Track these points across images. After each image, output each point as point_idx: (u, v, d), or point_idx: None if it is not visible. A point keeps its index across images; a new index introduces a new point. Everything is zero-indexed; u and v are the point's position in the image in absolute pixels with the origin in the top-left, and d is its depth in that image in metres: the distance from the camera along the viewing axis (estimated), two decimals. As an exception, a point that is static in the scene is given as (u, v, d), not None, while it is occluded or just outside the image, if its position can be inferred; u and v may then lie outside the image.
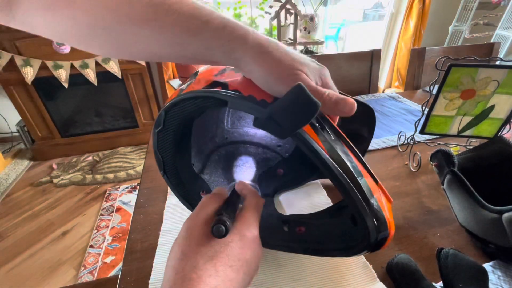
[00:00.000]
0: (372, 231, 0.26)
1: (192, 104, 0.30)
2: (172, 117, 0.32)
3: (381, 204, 0.26)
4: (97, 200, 1.59)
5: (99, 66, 1.71)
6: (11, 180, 1.77)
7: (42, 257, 1.26)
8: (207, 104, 0.29)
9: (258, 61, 0.24)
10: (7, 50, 1.56)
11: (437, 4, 2.32)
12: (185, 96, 0.29)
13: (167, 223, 0.47)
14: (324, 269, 0.39)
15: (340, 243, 0.33)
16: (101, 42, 0.24)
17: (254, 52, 0.24)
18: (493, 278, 0.37)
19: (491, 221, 0.36)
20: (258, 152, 0.50)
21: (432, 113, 0.55)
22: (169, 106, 0.31)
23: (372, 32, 3.21)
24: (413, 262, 0.36)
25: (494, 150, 0.46)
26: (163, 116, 0.32)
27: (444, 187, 0.45)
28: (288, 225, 0.39)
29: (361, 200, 0.25)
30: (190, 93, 0.29)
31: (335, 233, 0.35)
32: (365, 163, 0.28)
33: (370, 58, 1.09)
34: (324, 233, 0.36)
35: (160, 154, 0.37)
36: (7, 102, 1.80)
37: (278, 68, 0.24)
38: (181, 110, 0.31)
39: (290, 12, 1.76)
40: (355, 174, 0.25)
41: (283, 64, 0.24)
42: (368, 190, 0.25)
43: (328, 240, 0.35)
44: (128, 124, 2.06)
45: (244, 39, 0.23)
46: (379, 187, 0.27)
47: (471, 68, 0.48)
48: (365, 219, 0.25)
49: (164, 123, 0.33)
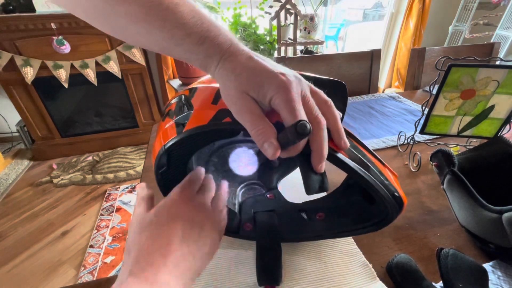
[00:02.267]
0: (391, 204, 0.29)
1: (201, 139, 0.29)
2: (176, 155, 0.31)
3: (391, 180, 0.30)
4: (97, 200, 1.59)
5: (99, 66, 1.71)
6: (11, 180, 1.77)
7: (42, 257, 1.25)
8: (217, 136, 0.28)
9: (224, 74, 0.24)
10: (7, 50, 1.56)
11: (437, 4, 2.32)
12: (194, 132, 0.27)
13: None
14: (323, 268, 0.39)
15: (361, 220, 0.35)
16: (100, 24, 0.25)
17: (223, 67, 0.24)
18: (493, 278, 0.37)
19: (491, 221, 0.36)
20: (248, 149, 0.50)
21: (432, 113, 0.55)
22: (173, 145, 0.29)
23: (372, 32, 3.21)
24: (413, 262, 0.36)
25: (494, 150, 0.46)
26: (166, 156, 0.30)
27: (444, 187, 0.45)
28: (306, 213, 0.41)
29: (377, 183, 0.28)
30: (198, 128, 0.27)
31: (353, 212, 0.37)
32: (365, 145, 0.30)
33: (370, 58, 1.09)
34: (342, 214, 0.38)
35: (166, 191, 0.35)
36: (7, 102, 1.80)
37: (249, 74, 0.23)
38: (187, 146, 0.30)
39: (290, 12, 1.76)
40: (365, 160, 0.28)
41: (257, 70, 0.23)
42: (378, 170, 0.29)
43: (348, 220, 0.37)
44: (128, 124, 2.06)
45: (218, 55, 0.24)
46: (384, 166, 0.31)
47: (471, 68, 0.48)
48: (382, 196, 0.28)
49: (168, 163, 0.31)
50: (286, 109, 0.22)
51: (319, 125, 0.24)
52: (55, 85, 1.69)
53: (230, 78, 0.24)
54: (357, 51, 1.08)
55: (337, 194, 0.40)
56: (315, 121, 0.24)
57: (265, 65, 0.23)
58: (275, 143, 0.23)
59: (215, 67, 0.24)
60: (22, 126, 1.96)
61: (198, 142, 0.29)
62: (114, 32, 0.25)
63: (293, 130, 0.21)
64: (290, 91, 0.23)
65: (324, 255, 0.41)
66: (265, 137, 0.23)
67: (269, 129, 0.23)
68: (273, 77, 0.23)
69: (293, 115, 0.22)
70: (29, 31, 1.54)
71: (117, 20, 0.23)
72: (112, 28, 0.25)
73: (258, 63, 0.23)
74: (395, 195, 0.29)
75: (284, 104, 0.22)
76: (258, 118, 0.23)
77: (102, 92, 1.92)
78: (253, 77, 0.23)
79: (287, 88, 0.23)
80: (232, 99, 0.24)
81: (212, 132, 0.27)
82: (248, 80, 0.23)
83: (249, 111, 0.23)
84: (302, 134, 0.21)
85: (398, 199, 0.29)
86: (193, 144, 0.30)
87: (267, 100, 0.23)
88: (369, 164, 0.28)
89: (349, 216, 0.38)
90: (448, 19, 2.28)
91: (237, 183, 0.49)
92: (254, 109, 0.23)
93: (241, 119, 0.24)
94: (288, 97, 0.22)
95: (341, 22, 3.45)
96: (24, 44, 1.57)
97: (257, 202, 0.44)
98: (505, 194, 0.42)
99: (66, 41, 1.59)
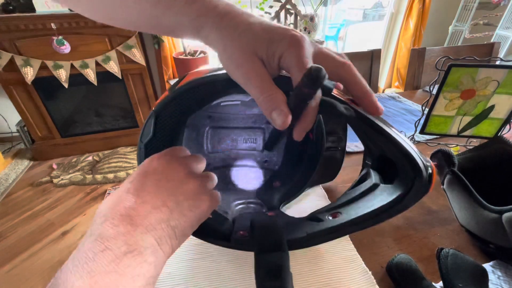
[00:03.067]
0: (423, 166, 0.24)
1: (193, 96, 0.25)
2: (164, 122, 0.27)
3: None
4: (97, 200, 1.59)
5: (99, 66, 1.71)
6: (11, 180, 1.77)
7: (42, 257, 1.25)
8: (211, 92, 0.25)
9: (223, 33, 0.21)
10: (7, 50, 1.56)
11: (437, 4, 2.32)
12: (186, 87, 0.25)
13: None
14: (322, 274, 0.38)
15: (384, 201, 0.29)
16: (83, 2, 0.24)
17: (220, 26, 0.21)
18: (493, 278, 0.37)
19: (491, 221, 0.36)
20: (247, 172, 0.49)
21: (432, 113, 0.55)
22: (162, 106, 0.26)
23: (372, 32, 3.21)
24: (413, 262, 0.36)
25: (494, 150, 0.46)
26: (153, 121, 0.27)
27: (444, 187, 0.45)
28: (317, 220, 0.34)
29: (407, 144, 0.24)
30: (191, 82, 0.25)
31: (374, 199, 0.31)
32: None
33: (370, 58, 1.09)
34: (361, 206, 0.32)
35: None
36: (7, 102, 1.80)
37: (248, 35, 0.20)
38: (177, 108, 0.26)
39: (290, 12, 1.76)
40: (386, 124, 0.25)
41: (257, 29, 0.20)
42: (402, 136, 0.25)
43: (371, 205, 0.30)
44: (128, 124, 2.06)
45: (212, 12, 0.21)
46: None
47: (471, 68, 0.48)
48: (414, 158, 0.24)
49: (154, 130, 0.27)
50: (298, 66, 0.20)
51: (350, 67, 0.22)
52: (55, 85, 1.69)
53: (232, 37, 0.20)
54: (357, 51, 1.08)
55: (351, 192, 0.35)
56: (346, 66, 0.22)
57: (272, 22, 0.21)
58: (286, 109, 0.20)
59: (210, 28, 0.21)
60: (22, 126, 1.96)
61: (190, 103, 0.26)
62: (97, 11, 0.23)
63: (306, 78, 0.18)
64: (303, 46, 0.20)
65: (323, 261, 0.40)
66: (274, 104, 0.20)
67: (278, 95, 0.20)
68: (283, 32, 0.20)
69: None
70: (29, 31, 1.54)
71: None
72: (95, 6, 0.23)
73: (262, 20, 0.21)
74: (421, 154, 0.25)
75: (296, 61, 0.20)
76: (267, 83, 0.21)
77: (102, 92, 1.92)
78: (261, 33, 0.20)
79: (299, 43, 0.20)
80: (237, 61, 0.21)
81: (206, 86, 0.25)
82: (255, 38, 0.20)
83: (257, 75, 0.21)
84: (317, 78, 0.18)
85: (426, 161, 0.25)
86: (185, 105, 0.26)
87: (276, 58, 0.20)
88: (391, 128, 0.25)
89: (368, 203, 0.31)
90: (448, 19, 2.28)
91: (233, 198, 0.45)
92: (262, 73, 0.21)
93: (247, 84, 0.21)
94: (301, 52, 0.20)
95: (341, 22, 3.46)
96: (24, 44, 1.57)
97: (256, 215, 0.39)
98: (505, 194, 0.42)
99: (66, 41, 1.59)
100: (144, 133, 0.28)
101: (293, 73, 0.20)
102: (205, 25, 0.21)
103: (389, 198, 0.28)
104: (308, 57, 0.20)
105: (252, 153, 0.49)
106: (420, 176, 0.24)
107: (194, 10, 0.21)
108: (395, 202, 0.27)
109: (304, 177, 0.49)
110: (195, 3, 0.21)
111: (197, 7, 0.21)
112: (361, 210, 0.30)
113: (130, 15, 0.23)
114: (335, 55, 0.22)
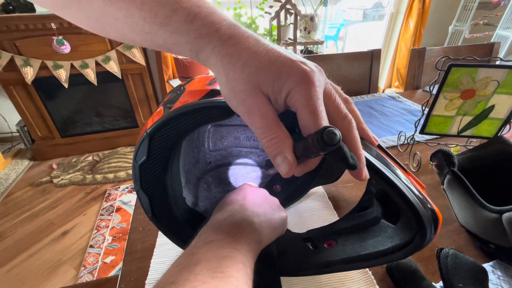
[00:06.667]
0: (428, 221, 0.22)
1: (189, 121, 0.24)
2: (158, 143, 0.26)
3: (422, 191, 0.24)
4: (97, 200, 1.59)
5: (99, 66, 1.71)
6: (11, 180, 1.77)
7: (42, 257, 1.25)
8: (208, 118, 0.24)
9: (224, 61, 0.19)
10: (7, 50, 1.56)
11: (437, 4, 2.32)
12: (181, 111, 0.24)
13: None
14: (321, 275, 0.38)
15: (381, 244, 0.28)
16: (73, 13, 0.22)
17: (221, 52, 0.19)
18: (493, 278, 0.37)
19: (491, 221, 0.36)
20: (247, 172, 0.48)
21: (432, 113, 0.55)
22: (156, 128, 0.25)
23: (372, 32, 3.21)
24: (413, 262, 0.36)
25: (494, 150, 0.46)
26: (147, 144, 0.25)
27: (444, 187, 0.45)
28: (312, 243, 0.33)
29: (412, 195, 0.22)
30: (187, 106, 0.23)
31: (372, 237, 0.30)
32: (390, 154, 0.25)
33: (370, 58, 1.09)
34: (358, 240, 0.31)
35: (145, 192, 0.29)
36: (7, 102, 1.80)
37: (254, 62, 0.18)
38: (171, 132, 0.25)
39: (290, 12, 1.76)
40: (390, 168, 0.23)
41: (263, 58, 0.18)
42: (407, 181, 0.23)
43: (364, 245, 0.30)
44: (128, 124, 2.06)
45: (213, 35, 0.19)
46: (409, 176, 0.25)
47: (471, 68, 0.48)
48: (419, 212, 0.22)
49: (149, 152, 0.26)
50: (308, 109, 0.18)
51: (350, 124, 0.20)
52: (55, 85, 1.69)
53: (235, 67, 0.18)
54: (357, 51, 1.08)
55: (350, 219, 0.34)
56: (346, 121, 0.20)
57: (279, 50, 0.19)
58: (291, 157, 0.19)
59: (210, 52, 0.19)
60: (22, 126, 1.96)
61: (185, 125, 0.25)
62: (89, 22, 0.21)
63: (317, 140, 0.17)
64: (313, 85, 0.18)
65: None
66: (279, 149, 0.19)
67: (285, 139, 0.19)
68: (292, 65, 0.18)
69: (316, 118, 0.18)
70: (29, 31, 1.54)
71: (91, 2, 0.19)
72: (86, 17, 0.21)
73: (270, 48, 0.19)
74: (428, 207, 0.23)
75: (305, 102, 0.18)
76: (272, 123, 0.19)
77: (102, 92, 1.92)
78: (268, 65, 0.18)
79: (310, 80, 0.18)
80: (239, 95, 0.19)
81: (201, 111, 0.23)
82: (260, 70, 0.18)
83: (261, 114, 0.19)
84: (330, 145, 0.16)
85: (433, 213, 0.23)
86: (179, 127, 0.25)
87: (284, 95, 0.19)
88: (396, 170, 0.23)
89: (365, 240, 0.30)
90: (448, 19, 2.28)
91: None
92: (268, 112, 0.19)
93: (250, 122, 0.19)
94: (311, 93, 0.18)
95: (341, 22, 3.46)
96: (24, 44, 1.57)
97: None
98: (505, 194, 0.42)
99: (66, 41, 1.59)
100: (139, 154, 0.27)
101: (300, 114, 0.18)
102: (204, 48, 0.19)
103: (386, 243, 0.27)
104: (319, 98, 0.18)
105: (254, 151, 0.49)
106: (423, 232, 0.23)
107: (193, 30, 0.19)
108: (392, 251, 0.27)
109: (306, 182, 0.49)
110: (195, 21, 0.19)
111: (197, 27, 0.19)
112: (356, 246, 0.30)
113: (121, 29, 0.21)
114: (339, 103, 0.20)
